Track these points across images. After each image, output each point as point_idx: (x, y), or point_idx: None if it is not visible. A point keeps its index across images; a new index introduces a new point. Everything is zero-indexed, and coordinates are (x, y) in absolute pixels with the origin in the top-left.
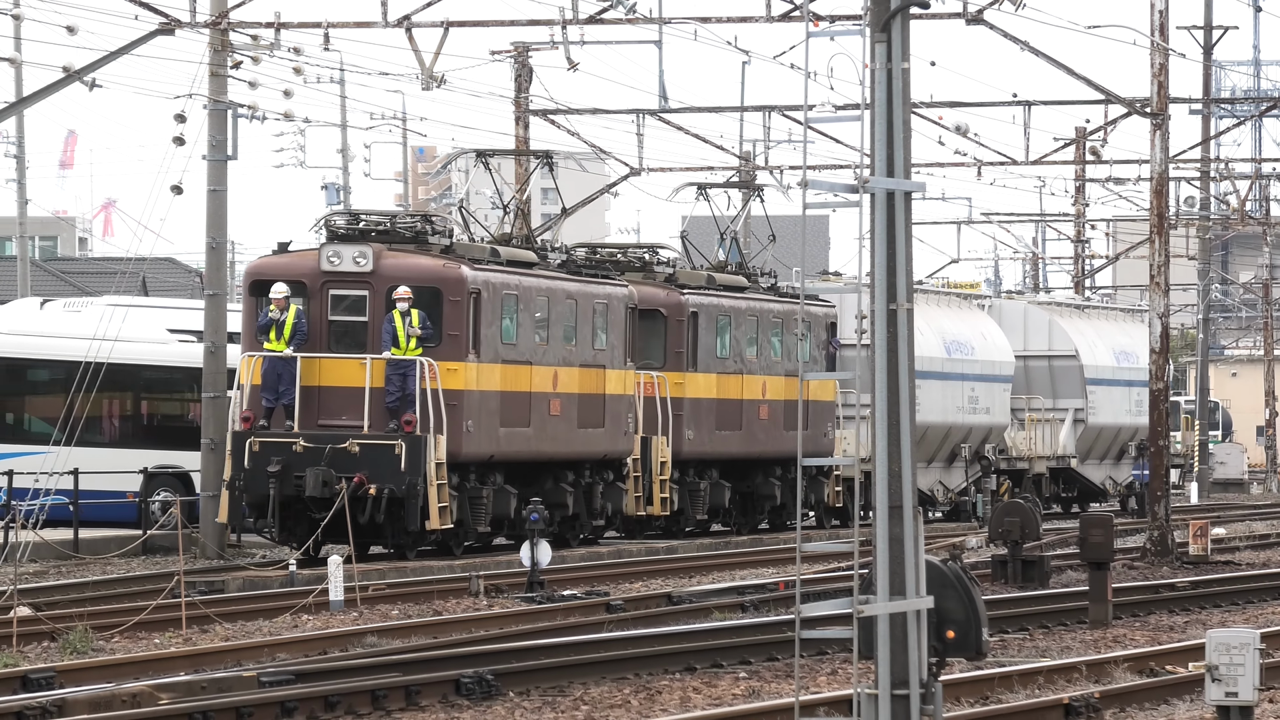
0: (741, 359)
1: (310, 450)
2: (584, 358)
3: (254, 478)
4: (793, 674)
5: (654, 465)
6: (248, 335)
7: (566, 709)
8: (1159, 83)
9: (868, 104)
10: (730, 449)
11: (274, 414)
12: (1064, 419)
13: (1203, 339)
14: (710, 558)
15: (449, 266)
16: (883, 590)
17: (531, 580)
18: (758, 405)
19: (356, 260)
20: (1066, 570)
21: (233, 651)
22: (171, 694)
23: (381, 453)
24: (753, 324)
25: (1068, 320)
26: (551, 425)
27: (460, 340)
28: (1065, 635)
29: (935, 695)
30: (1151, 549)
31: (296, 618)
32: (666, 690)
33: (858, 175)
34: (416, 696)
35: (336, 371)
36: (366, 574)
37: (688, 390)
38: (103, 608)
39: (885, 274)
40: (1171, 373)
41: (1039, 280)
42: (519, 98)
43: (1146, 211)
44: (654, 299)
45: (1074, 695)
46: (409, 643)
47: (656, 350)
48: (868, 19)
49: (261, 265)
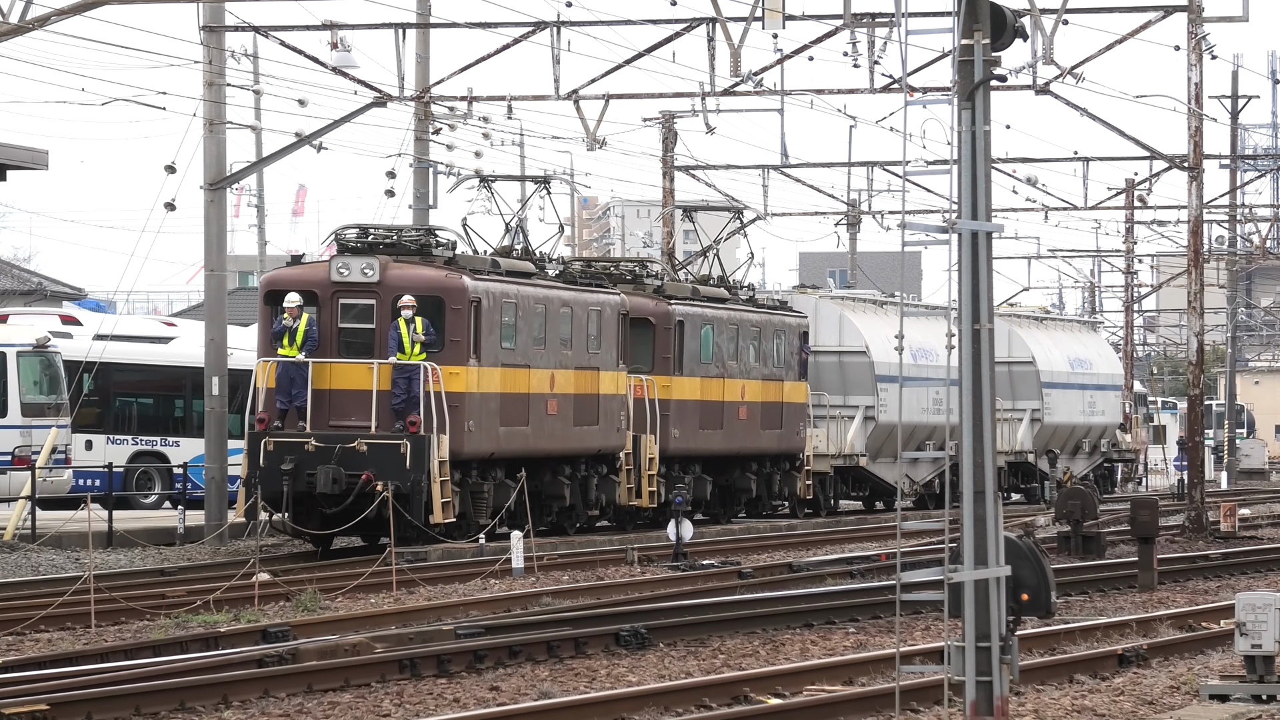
0: (723, 364)
1: (321, 449)
2: (579, 361)
3: (269, 475)
4: (894, 629)
5: (643, 461)
6: (263, 341)
7: (706, 657)
8: (1195, 142)
9: (955, 160)
10: (712, 446)
11: (287, 415)
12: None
13: (1231, 353)
14: (823, 534)
15: (451, 277)
16: (969, 561)
17: (677, 551)
18: (737, 406)
19: (364, 271)
20: (1119, 544)
21: (434, 609)
22: (384, 644)
23: (388, 451)
24: (733, 332)
25: (1025, 330)
26: (549, 424)
27: (462, 345)
28: (1118, 598)
29: (1012, 647)
30: (1189, 526)
31: (485, 582)
32: (788, 642)
33: (947, 218)
34: (584, 647)
35: (346, 375)
36: (541, 546)
37: (674, 392)
38: (328, 574)
39: (970, 300)
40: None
41: (1095, 305)
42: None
43: (1185, 248)
44: (644, 308)
45: (1126, 647)
46: (577, 602)
47: (646, 355)
48: (955, 90)
49: (276, 276)
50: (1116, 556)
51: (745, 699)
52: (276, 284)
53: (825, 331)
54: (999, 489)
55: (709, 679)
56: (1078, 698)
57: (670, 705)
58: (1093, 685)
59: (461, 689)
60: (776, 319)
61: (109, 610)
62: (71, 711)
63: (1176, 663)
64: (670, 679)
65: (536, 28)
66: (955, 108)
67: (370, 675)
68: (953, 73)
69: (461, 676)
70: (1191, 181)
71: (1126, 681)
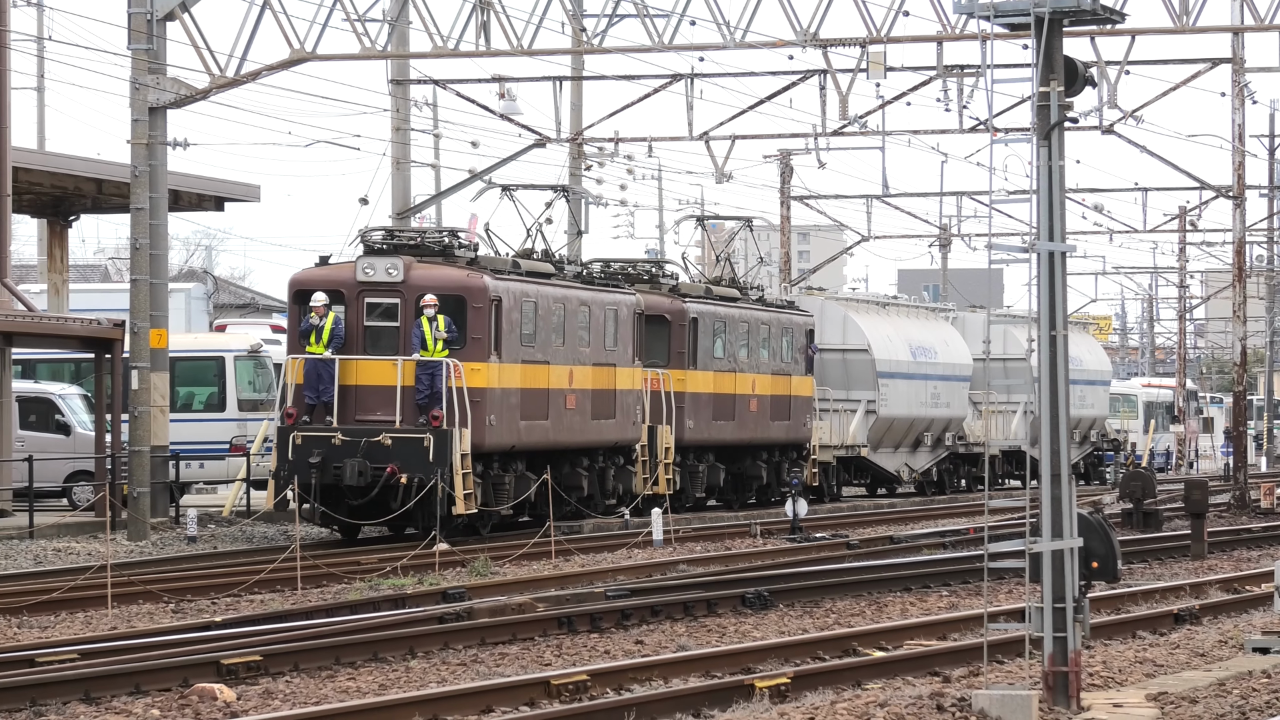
0: (735, 359)
1: (347, 443)
2: (596, 357)
3: (297, 467)
4: (981, 592)
5: (659, 451)
6: (291, 339)
7: (819, 616)
8: (1238, 175)
9: (1034, 190)
10: (725, 436)
11: (315, 410)
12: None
13: (1269, 355)
14: (919, 511)
15: (472, 276)
16: (1047, 533)
17: (793, 525)
18: (748, 399)
19: (389, 271)
20: (1174, 519)
21: (587, 574)
22: (545, 604)
23: (412, 445)
24: (744, 329)
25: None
26: (568, 418)
27: (483, 343)
28: (1174, 565)
29: (1084, 607)
30: (1234, 504)
31: (630, 551)
32: (890, 604)
33: (1026, 240)
34: (714, 607)
35: (371, 372)
36: (676, 521)
37: (688, 386)
38: (497, 545)
39: (1048, 310)
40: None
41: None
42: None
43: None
44: (659, 306)
45: (1180, 607)
46: (709, 569)
47: (661, 351)
48: (1034, 131)
49: (304, 276)
50: (1172, 530)
51: (854, 652)
52: (304, 284)
53: (830, 330)
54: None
55: (822, 635)
56: (1139, 651)
57: (789, 657)
58: (1152, 640)
59: (611, 643)
60: (784, 317)
61: (312, 575)
62: (281, 662)
63: (1224, 621)
64: (789, 635)
65: (673, 79)
66: (1034, 146)
67: (534, 630)
68: (1032, 116)
69: (611, 632)
70: (1235, 208)
71: (1181, 637)
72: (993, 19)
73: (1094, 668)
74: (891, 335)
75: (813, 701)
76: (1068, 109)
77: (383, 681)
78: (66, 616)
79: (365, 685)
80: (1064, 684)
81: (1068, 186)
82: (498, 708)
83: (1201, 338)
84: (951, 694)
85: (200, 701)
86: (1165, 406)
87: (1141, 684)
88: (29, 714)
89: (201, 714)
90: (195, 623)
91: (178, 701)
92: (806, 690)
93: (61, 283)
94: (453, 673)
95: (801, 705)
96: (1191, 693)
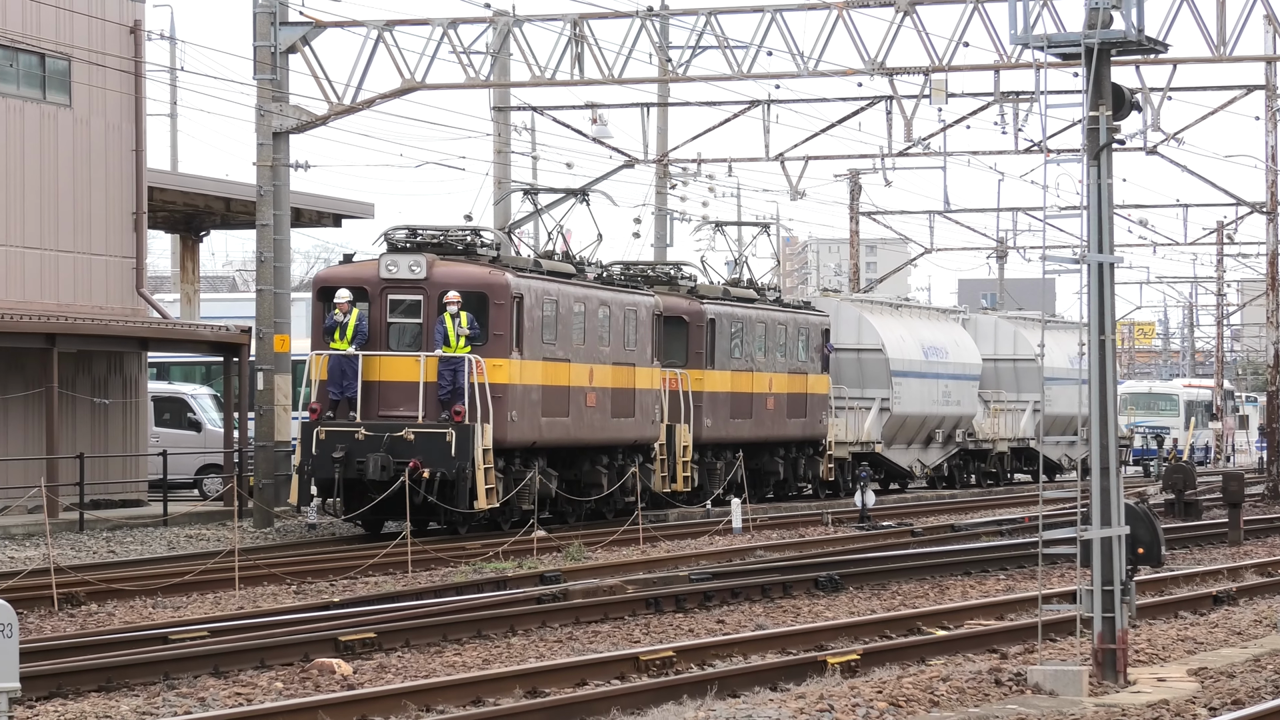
0: (751, 359)
1: (370, 438)
2: (616, 356)
3: (321, 462)
4: (1036, 576)
5: (677, 449)
6: (316, 335)
7: (886, 598)
8: (1271, 192)
9: (1084, 206)
10: (742, 434)
11: (339, 406)
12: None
13: None
14: (977, 501)
15: (494, 273)
16: (1096, 522)
17: (862, 515)
18: (765, 398)
19: (411, 269)
20: (1213, 509)
21: (672, 559)
22: (634, 586)
23: (434, 440)
24: (761, 330)
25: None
26: (588, 415)
27: (505, 339)
28: (1213, 550)
29: (1130, 590)
30: (1268, 494)
31: (711, 538)
32: (952, 586)
33: (1077, 252)
34: (789, 589)
35: (394, 368)
36: (755, 510)
37: (706, 386)
38: (589, 531)
39: (1097, 316)
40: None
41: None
42: (852, 204)
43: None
44: (678, 308)
45: (1219, 589)
46: (784, 555)
47: (679, 351)
48: (1085, 152)
49: (328, 274)
50: (1210, 519)
51: (918, 631)
52: (328, 281)
53: (845, 331)
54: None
55: (889, 614)
56: (1181, 629)
57: (858, 635)
58: (1193, 620)
59: (694, 622)
60: (801, 318)
61: (421, 559)
62: (394, 638)
63: (1259, 602)
64: (858, 615)
65: (751, 105)
66: (1084, 165)
67: (624, 610)
68: (1082, 138)
69: (694, 612)
70: (1269, 222)
71: (1219, 617)
72: (1046, 49)
73: (1139, 645)
74: (905, 335)
75: (880, 676)
76: (1115, 132)
77: (486, 657)
78: (197, 597)
79: (470, 660)
80: (1112, 660)
81: (1115, 203)
82: (591, 681)
83: (1238, 342)
84: (1008, 669)
85: (320, 675)
86: (1204, 405)
87: (1183, 660)
88: (163, 686)
89: (321, 686)
90: (315, 603)
91: (299, 675)
92: (875, 666)
93: (193, 292)
94: (550, 649)
95: (870, 680)
96: (1229, 668)
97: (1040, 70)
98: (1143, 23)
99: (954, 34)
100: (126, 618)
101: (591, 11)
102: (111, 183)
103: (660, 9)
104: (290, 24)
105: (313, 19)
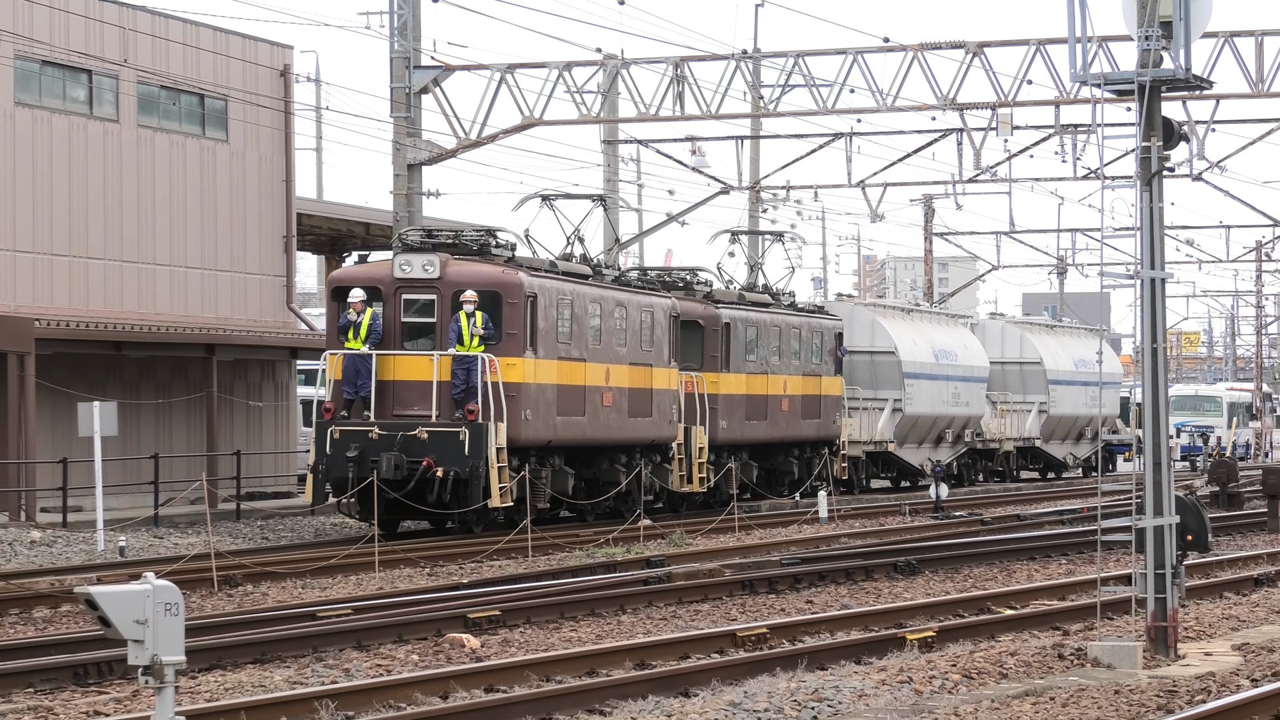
0: (766, 361)
1: (384, 437)
2: (633, 357)
3: (335, 462)
4: (1095, 561)
5: (694, 450)
6: (330, 335)
7: (959, 580)
8: None
9: (1138, 227)
10: (757, 435)
11: (353, 405)
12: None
13: None
14: (1039, 494)
15: (508, 273)
16: (1150, 511)
17: (936, 505)
18: (780, 399)
19: (425, 268)
20: (1253, 500)
21: (764, 545)
22: (731, 570)
23: (448, 439)
24: (775, 333)
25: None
26: (604, 415)
27: (519, 338)
28: (1254, 538)
29: (1180, 572)
30: None
31: (800, 527)
32: (1018, 570)
33: (1130, 269)
34: (871, 573)
35: (408, 367)
36: (839, 501)
37: (721, 388)
38: (690, 520)
39: (1150, 327)
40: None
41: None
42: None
43: None
44: (694, 311)
45: (1260, 572)
46: (866, 542)
47: (695, 354)
48: (1138, 178)
49: (342, 274)
50: (1251, 509)
51: (988, 610)
52: (342, 281)
53: (859, 334)
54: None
55: (962, 595)
56: (1225, 609)
57: (934, 614)
58: (1236, 600)
59: (785, 602)
60: (814, 321)
61: (540, 545)
62: (516, 616)
63: None
64: (934, 596)
65: (835, 137)
66: (1138, 191)
67: (722, 591)
68: (1135, 166)
69: (785, 593)
70: None
71: (1260, 597)
72: (1103, 86)
73: (1188, 623)
74: (916, 339)
75: (954, 651)
76: (1165, 160)
77: (598, 633)
78: (341, 579)
79: (584, 635)
80: (1164, 637)
81: (1165, 224)
82: (693, 654)
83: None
84: (1070, 645)
85: (451, 648)
86: (1245, 406)
87: (1227, 636)
88: (312, 659)
89: (452, 658)
90: (446, 584)
91: (432, 649)
92: (949, 642)
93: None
94: (655, 626)
95: (945, 654)
96: (1269, 643)
97: (1097, 105)
98: (1190, 63)
99: (1018, 73)
100: (279, 597)
101: (691, 54)
102: (264, 209)
103: (753, 52)
104: (423, 68)
105: (443, 63)
